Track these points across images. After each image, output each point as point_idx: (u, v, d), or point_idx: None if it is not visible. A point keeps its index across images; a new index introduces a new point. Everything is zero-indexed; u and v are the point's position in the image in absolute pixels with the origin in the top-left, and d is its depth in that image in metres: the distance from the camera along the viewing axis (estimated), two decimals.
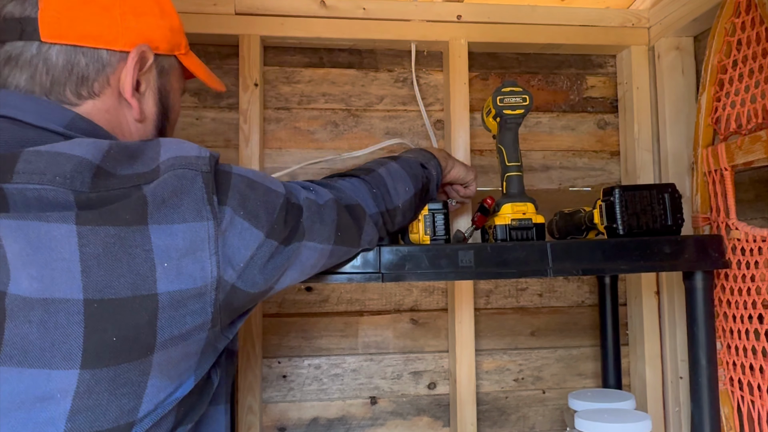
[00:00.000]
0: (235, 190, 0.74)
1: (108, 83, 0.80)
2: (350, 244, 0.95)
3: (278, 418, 1.56)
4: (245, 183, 0.76)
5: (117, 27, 0.80)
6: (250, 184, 0.77)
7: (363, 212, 0.96)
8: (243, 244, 0.73)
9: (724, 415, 1.31)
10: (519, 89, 1.18)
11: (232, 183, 0.74)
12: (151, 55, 0.83)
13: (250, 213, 0.74)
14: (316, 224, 0.85)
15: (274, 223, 0.77)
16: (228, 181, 0.74)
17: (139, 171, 0.68)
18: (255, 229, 0.75)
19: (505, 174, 1.21)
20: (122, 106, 0.83)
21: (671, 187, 1.17)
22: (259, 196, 0.77)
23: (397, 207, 1.05)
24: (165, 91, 0.89)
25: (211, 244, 0.70)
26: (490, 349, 1.65)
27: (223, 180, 0.74)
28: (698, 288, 1.13)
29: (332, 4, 1.55)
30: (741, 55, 1.30)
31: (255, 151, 1.51)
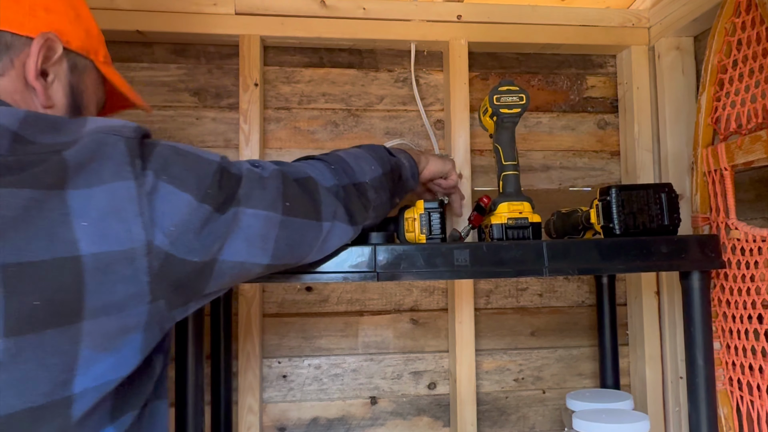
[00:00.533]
0: (159, 155, 0.73)
1: (12, 65, 0.81)
2: (306, 216, 0.89)
3: (278, 418, 1.56)
4: (171, 150, 0.75)
5: (25, 14, 0.82)
6: (177, 151, 0.76)
7: (315, 184, 0.92)
8: (171, 209, 0.71)
9: (723, 415, 1.30)
10: (516, 88, 1.18)
11: (156, 150, 0.73)
12: (59, 46, 0.84)
13: (174, 177, 0.72)
14: (256, 190, 0.82)
15: (207, 188, 0.75)
16: (153, 148, 0.73)
17: (61, 140, 0.68)
18: (182, 192, 0.73)
19: (501, 173, 1.21)
20: (29, 91, 0.83)
21: (668, 186, 1.17)
22: (188, 162, 0.76)
23: (365, 182, 1.01)
24: (77, 88, 0.89)
25: (133, 205, 0.68)
26: (490, 349, 1.64)
27: (148, 147, 0.73)
28: (695, 288, 1.13)
29: (332, 4, 1.56)
30: (741, 54, 1.30)
31: (255, 151, 1.51)
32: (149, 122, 1.54)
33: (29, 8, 0.82)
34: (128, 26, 1.48)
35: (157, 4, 1.49)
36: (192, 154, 0.77)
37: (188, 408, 1.00)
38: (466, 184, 1.56)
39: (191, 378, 1.00)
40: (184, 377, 1.00)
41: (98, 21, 1.43)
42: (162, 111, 1.56)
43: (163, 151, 0.74)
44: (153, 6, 1.49)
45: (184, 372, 1.00)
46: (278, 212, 0.84)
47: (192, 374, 1.00)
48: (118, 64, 1.54)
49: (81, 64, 0.90)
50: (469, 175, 1.57)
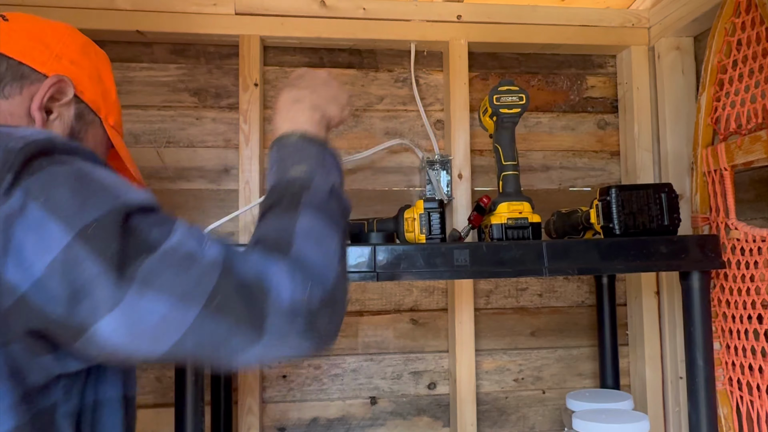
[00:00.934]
0: (45, 175, 0.62)
1: (20, 92, 0.83)
2: (239, 321, 0.65)
3: (278, 418, 1.56)
4: (69, 173, 0.64)
5: (49, 57, 0.87)
6: (78, 176, 0.65)
7: (266, 293, 0.67)
8: (38, 241, 0.60)
9: (723, 415, 1.30)
10: (515, 88, 1.19)
11: (46, 169, 0.63)
12: (70, 91, 0.86)
13: (52, 201, 0.61)
14: (170, 270, 0.63)
15: (95, 227, 0.61)
16: (42, 167, 0.63)
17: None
18: (58, 223, 0.61)
19: (501, 173, 1.21)
20: (27, 120, 0.84)
21: (668, 186, 1.17)
22: (85, 189, 0.64)
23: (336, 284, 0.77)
24: (77, 135, 0.90)
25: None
26: (490, 349, 1.64)
27: (35, 164, 0.63)
28: (695, 288, 1.13)
29: (332, 4, 1.56)
30: (741, 55, 1.30)
31: (255, 151, 1.51)
32: (149, 122, 1.55)
33: (56, 55, 0.87)
34: (128, 26, 1.48)
35: (157, 4, 1.49)
36: (98, 182, 0.65)
37: (188, 408, 1.00)
38: (466, 184, 1.56)
39: (191, 378, 1.00)
40: (184, 377, 1.00)
41: (98, 21, 1.45)
42: (162, 111, 1.56)
43: (56, 172, 0.63)
44: (153, 6, 1.49)
45: (184, 372, 1.00)
46: (194, 307, 0.63)
47: (192, 374, 1.00)
48: (118, 63, 1.54)
49: (89, 117, 0.92)
50: (469, 175, 1.57)
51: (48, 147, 0.64)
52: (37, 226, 0.60)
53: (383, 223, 1.28)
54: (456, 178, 1.56)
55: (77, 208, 0.61)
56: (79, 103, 0.90)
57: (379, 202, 1.62)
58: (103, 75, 0.96)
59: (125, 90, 1.54)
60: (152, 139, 1.55)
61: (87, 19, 1.45)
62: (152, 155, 1.54)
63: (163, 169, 1.55)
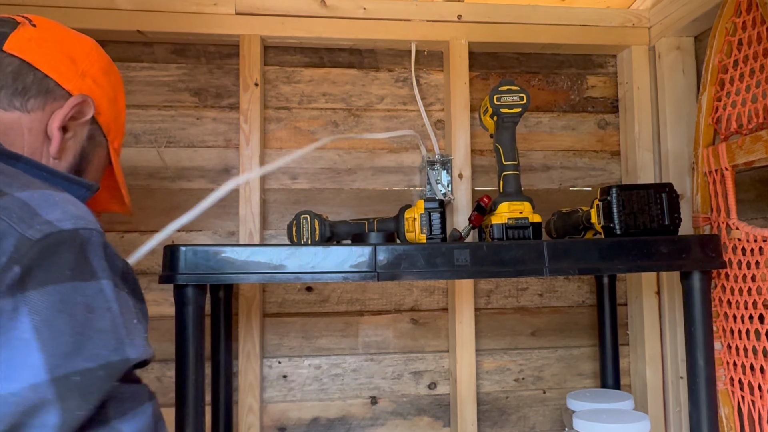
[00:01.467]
0: (57, 292, 0.57)
1: (42, 108, 0.82)
2: None
3: (278, 418, 1.56)
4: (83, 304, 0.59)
5: (75, 74, 0.86)
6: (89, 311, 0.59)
7: None
8: (10, 360, 0.54)
9: (724, 415, 1.30)
10: (516, 88, 1.18)
11: (62, 285, 0.57)
12: (90, 111, 0.87)
13: (48, 330, 0.55)
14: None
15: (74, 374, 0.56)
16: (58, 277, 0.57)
17: None
18: (42, 355, 0.54)
19: (502, 173, 1.21)
20: (43, 137, 0.83)
21: (668, 186, 1.17)
22: (88, 329, 0.58)
23: None
24: (87, 155, 0.90)
25: None
26: (491, 349, 1.64)
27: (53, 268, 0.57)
28: (696, 288, 1.13)
29: (332, 4, 1.56)
30: (742, 54, 1.30)
31: (255, 151, 1.51)
32: (150, 122, 1.54)
33: (81, 72, 0.87)
34: (128, 26, 1.48)
35: (157, 4, 1.49)
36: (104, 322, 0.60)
37: (188, 408, 1.00)
38: (466, 183, 1.56)
39: (191, 378, 1.00)
40: (184, 377, 1.00)
41: (98, 21, 1.45)
42: (162, 111, 1.56)
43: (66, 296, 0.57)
44: (153, 6, 1.49)
45: (184, 372, 1.00)
46: None
47: (192, 374, 1.00)
48: (118, 63, 1.54)
49: (98, 139, 0.92)
50: (469, 175, 1.57)
51: (73, 241, 0.59)
52: (18, 345, 0.54)
53: (384, 223, 1.28)
54: (456, 178, 1.56)
55: (74, 348, 0.56)
56: (94, 124, 0.90)
57: (380, 202, 1.62)
58: (118, 97, 0.97)
59: (126, 90, 1.53)
60: (152, 139, 1.55)
61: (87, 19, 1.45)
62: (152, 155, 1.54)
63: (163, 169, 1.54)
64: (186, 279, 1.01)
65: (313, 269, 1.04)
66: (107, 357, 0.58)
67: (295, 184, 1.60)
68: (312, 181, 1.60)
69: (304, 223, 1.25)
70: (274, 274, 1.03)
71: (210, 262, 1.02)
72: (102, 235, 0.64)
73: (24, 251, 0.55)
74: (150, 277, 1.52)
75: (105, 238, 0.64)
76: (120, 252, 0.69)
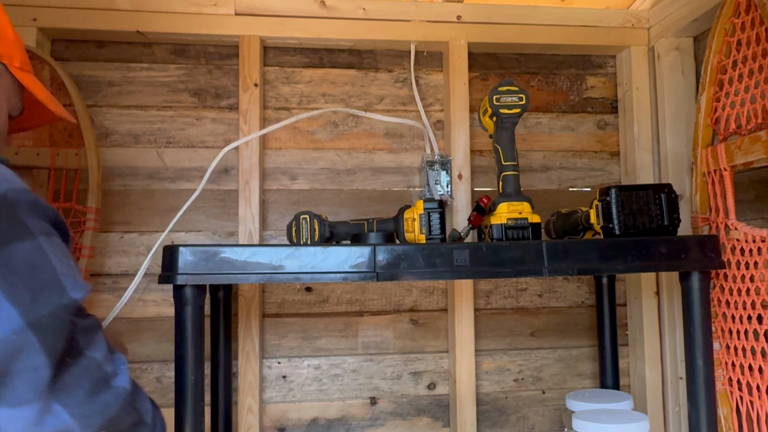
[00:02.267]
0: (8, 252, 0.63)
1: None
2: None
3: (278, 418, 1.56)
4: (29, 256, 0.64)
5: None
6: (36, 262, 0.65)
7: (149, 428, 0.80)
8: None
9: (723, 415, 1.30)
10: (515, 89, 1.19)
11: (10, 246, 0.63)
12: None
13: (10, 285, 0.62)
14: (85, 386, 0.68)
15: (47, 323, 0.63)
16: (5, 238, 0.63)
17: None
18: (14, 306, 0.61)
19: (501, 173, 1.21)
20: None
21: (668, 187, 1.17)
22: (40, 276, 0.65)
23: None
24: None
25: None
26: (490, 349, 1.64)
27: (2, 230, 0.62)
28: (695, 288, 1.13)
29: (332, 5, 1.56)
30: (741, 55, 1.30)
31: (255, 151, 1.51)
32: (149, 123, 1.55)
33: None
34: (128, 26, 1.48)
35: (157, 4, 1.49)
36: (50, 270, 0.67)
37: (188, 408, 1.00)
38: (465, 184, 1.56)
39: (191, 378, 1.00)
40: (184, 377, 1.00)
41: (98, 21, 1.45)
42: (162, 111, 1.56)
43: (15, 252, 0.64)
44: (153, 6, 1.49)
45: (183, 372, 1.00)
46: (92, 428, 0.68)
47: (191, 374, 1.00)
48: (118, 64, 1.55)
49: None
50: (468, 175, 1.57)
51: (3, 206, 0.63)
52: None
53: (383, 223, 1.28)
54: (456, 179, 1.56)
55: (31, 298, 0.62)
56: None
57: (379, 202, 1.62)
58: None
59: (125, 90, 1.55)
60: (152, 140, 1.55)
61: (87, 19, 1.45)
62: (152, 155, 1.54)
63: (163, 169, 1.55)
64: (185, 279, 1.01)
65: (312, 269, 1.04)
66: (59, 301, 0.65)
67: (295, 185, 1.60)
68: (311, 181, 1.60)
69: (303, 223, 1.25)
70: (274, 274, 1.03)
71: (209, 262, 1.02)
72: (28, 192, 0.67)
73: None
74: (150, 277, 1.52)
75: (31, 194, 0.68)
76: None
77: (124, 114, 1.54)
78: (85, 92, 1.52)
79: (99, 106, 1.54)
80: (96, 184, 1.42)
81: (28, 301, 0.62)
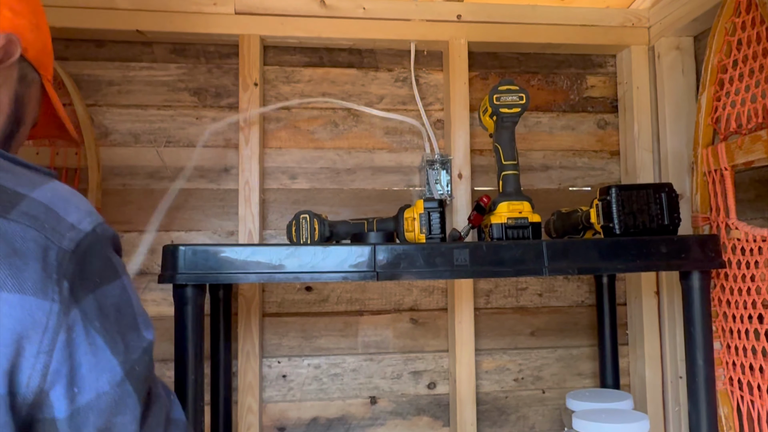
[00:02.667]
0: (100, 294, 0.60)
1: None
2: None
3: (278, 417, 1.56)
4: (117, 296, 0.63)
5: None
6: (122, 302, 0.63)
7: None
8: (95, 366, 0.58)
9: (724, 414, 1.30)
10: (516, 88, 1.19)
11: (101, 289, 0.61)
12: (17, 51, 0.75)
13: (106, 331, 0.60)
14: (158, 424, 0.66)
15: (134, 365, 0.62)
16: (96, 280, 0.60)
17: None
18: (115, 355, 0.60)
19: (501, 173, 1.21)
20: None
21: (668, 186, 1.17)
22: (126, 317, 0.63)
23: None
24: (22, 99, 0.79)
25: (46, 336, 0.54)
26: (490, 348, 1.64)
27: (90, 272, 0.60)
28: (695, 288, 1.13)
29: (332, 4, 1.56)
30: (741, 54, 1.30)
31: (255, 150, 1.51)
32: (149, 122, 1.54)
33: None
34: (128, 26, 1.47)
35: (157, 3, 1.49)
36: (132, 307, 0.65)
37: (187, 408, 1.00)
38: (465, 183, 1.56)
39: (190, 378, 1.00)
40: (184, 377, 1.00)
41: (98, 21, 1.45)
42: (162, 111, 1.56)
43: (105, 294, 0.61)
44: (153, 6, 1.48)
45: (184, 372, 1.00)
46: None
47: (191, 374, 1.00)
48: (118, 63, 1.55)
49: (30, 76, 0.81)
50: (469, 175, 1.57)
51: (95, 245, 0.61)
52: (96, 351, 0.58)
53: (383, 223, 1.28)
54: (456, 178, 1.56)
55: (125, 346, 0.61)
56: (22, 62, 0.78)
57: (379, 202, 1.62)
58: (41, 22, 0.82)
59: (125, 90, 1.54)
60: (152, 139, 1.55)
61: (87, 18, 1.45)
62: (152, 155, 1.54)
63: (163, 169, 1.54)
64: (185, 279, 1.01)
65: (312, 269, 1.04)
66: (140, 344, 0.64)
67: (295, 184, 1.60)
68: (311, 180, 1.60)
69: (303, 222, 1.25)
70: (274, 273, 1.03)
71: (209, 261, 1.02)
72: (104, 223, 0.65)
73: (66, 265, 0.57)
74: (149, 277, 1.52)
75: (105, 223, 0.65)
76: None
77: (123, 113, 1.54)
78: (84, 91, 1.52)
79: (99, 105, 1.54)
80: (96, 184, 1.42)
81: (123, 349, 0.61)
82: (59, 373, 0.55)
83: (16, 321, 0.52)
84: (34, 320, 0.53)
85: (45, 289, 0.54)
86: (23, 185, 0.59)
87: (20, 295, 0.52)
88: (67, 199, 0.61)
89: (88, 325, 0.57)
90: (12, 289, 0.52)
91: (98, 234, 0.62)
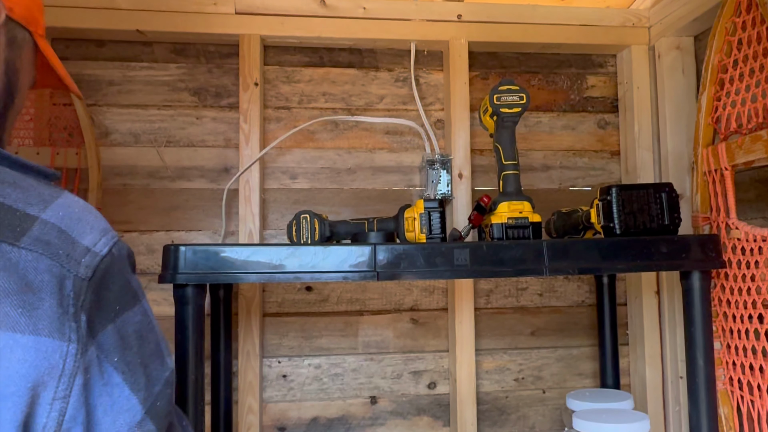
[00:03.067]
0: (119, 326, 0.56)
1: None
2: None
3: (278, 417, 1.56)
4: (137, 325, 0.58)
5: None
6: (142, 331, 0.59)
7: None
8: (111, 407, 0.54)
9: (724, 414, 1.30)
10: (516, 88, 1.19)
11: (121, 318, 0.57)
12: (1, 13, 0.68)
13: (125, 365, 0.56)
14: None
15: (156, 399, 0.58)
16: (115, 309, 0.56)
17: None
18: (134, 393, 0.56)
19: (501, 172, 1.21)
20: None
21: (668, 186, 1.17)
22: (147, 348, 0.59)
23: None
24: (14, 66, 0.72)
25: (62, 381, 0.50)
26: (490, 348, 1.64)
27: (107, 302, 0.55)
28: (695, 288, 1.13)
29: (332, 4, 1.56)
30: (741, 54, 1.30)
31: (255, 150, 1.51)
32: (149, 122, 1.54)
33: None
34: (128, 26, 1.47)
35: (157, 3, 1.49)
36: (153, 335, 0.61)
37: (188, 407, 1.00)
38: (466, 183, 1.56)
39: (191, 377, 1.00)
40: (184, 377, 1.00)
41: (98, 20, 1.45)
42: (162, 110, 1.56)
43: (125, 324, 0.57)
44: (153, 5, 1.48)
45: (184, 372, 1.00)
46: None
47: (192, 374, 1.00)
48: (118, 63, 1.55)
49: (20, 36, 0.73)
50: (469, 175, 1.57)
51: (112, 268, 0.56)
52: (113, 391, 0.54)
53: (383, 223, 1.28)
54: (456, 178, 1.56)
55: (146, 379, 0.57)
56: (9, 23, 0.70)
57: (379, 202, 1.62)
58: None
59: (125, 89, 1.54)
60: (152, 139, 1.55)
61: (87, 18, 1.45)
62: (152, 155, 1.54)
63: (163, 169, 1.54)
64: (186, 278, 1.01)
65: (312, 269, 1.04)
66: (163, 374, 0.60)
67: (295, 184, 1.60)
68: (312, 180, 1.60)
69: (303, 222, 1.25)
70: (274, 273, 1.03)
71: (210, 261, 1.02)
72: (119, 240, 0.61)
73: (83, 296, 0.53)
74: (150, 277, 1.52)
75: (120, 240, 0.61)
76: None
77: (124, 113, 1.54)
78: (85, 91, 1.52)
79: (99, 105, 1.54)
80: (96, 183, 1.42)
81: (144, 383, 0.57)
82: (75, 420, 0.51)
83: (31, 367, 0.48)
84: (50, 365, 0.49)
85: (62, 328, 0.50)
86: (32, 204, 0.54)
87: (35, 337, 0.48)
88: (80, 218, 0.57)
89: (105, 362, 0.54)
90: (25, 330, 0.48)
91: (115, 255, 0.57)
